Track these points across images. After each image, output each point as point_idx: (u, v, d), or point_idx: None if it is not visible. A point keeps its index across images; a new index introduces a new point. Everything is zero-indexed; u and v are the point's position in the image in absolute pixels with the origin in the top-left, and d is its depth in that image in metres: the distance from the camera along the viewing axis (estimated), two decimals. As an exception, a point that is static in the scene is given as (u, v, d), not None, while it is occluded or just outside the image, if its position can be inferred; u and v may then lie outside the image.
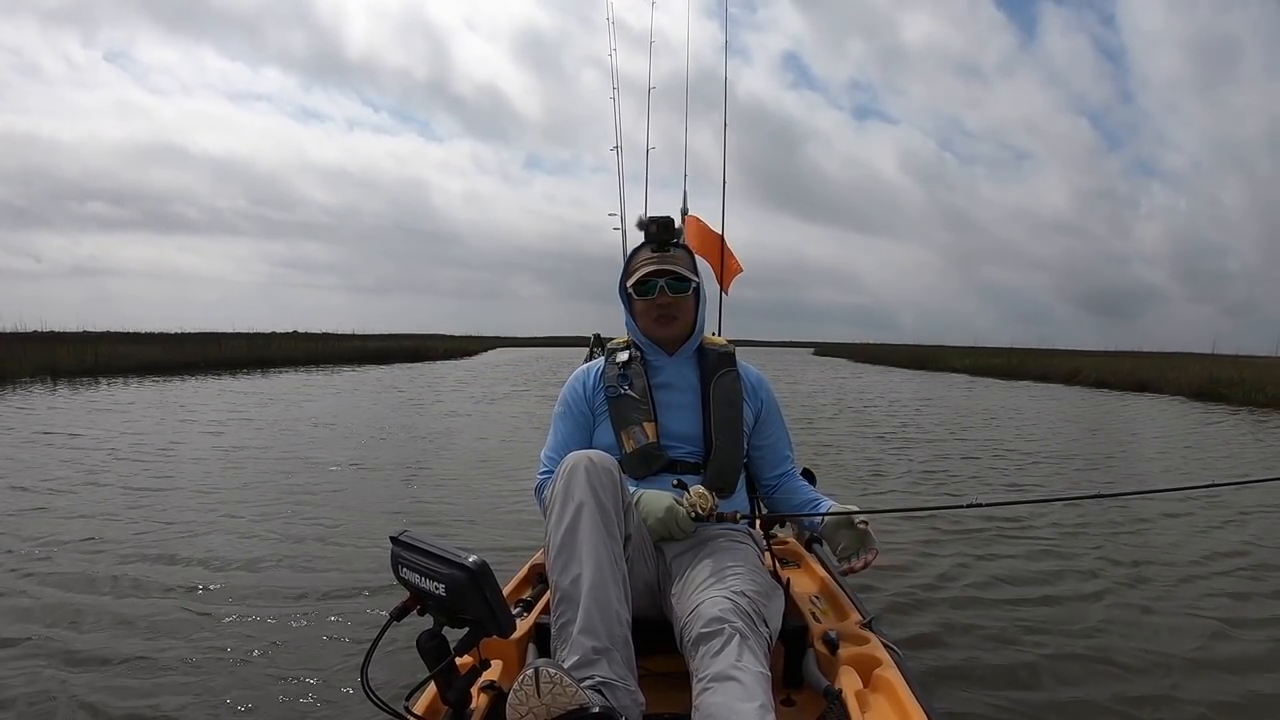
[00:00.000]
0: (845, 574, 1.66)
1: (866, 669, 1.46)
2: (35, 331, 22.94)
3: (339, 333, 40.98)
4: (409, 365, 27.88)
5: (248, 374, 19.94)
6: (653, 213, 2.33)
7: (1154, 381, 18.52)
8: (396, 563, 1.16)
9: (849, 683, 1.39)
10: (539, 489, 1.70)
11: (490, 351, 48.78)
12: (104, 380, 16.30)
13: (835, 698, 1.39)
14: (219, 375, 19.00)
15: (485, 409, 11.97)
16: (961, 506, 1.76)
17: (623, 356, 1.78)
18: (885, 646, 1.56)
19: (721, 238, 3.06)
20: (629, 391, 1.72)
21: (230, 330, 32.72)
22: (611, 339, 1.93)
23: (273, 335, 33.11)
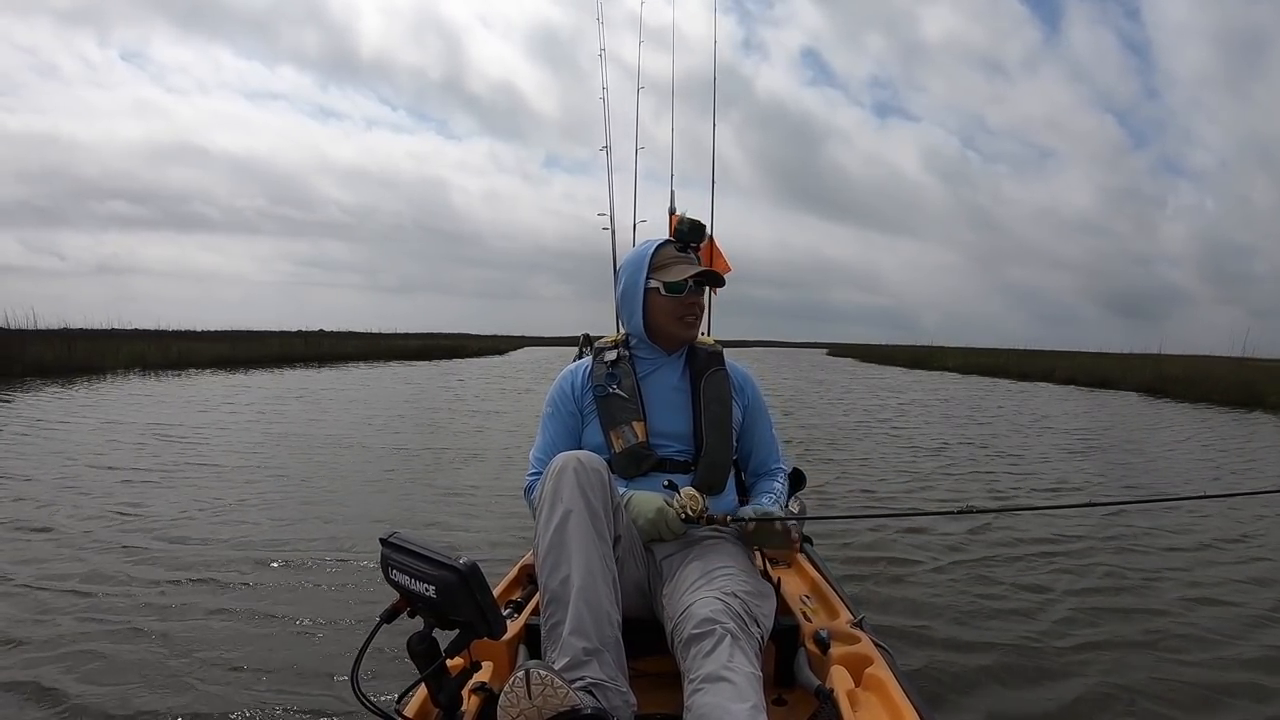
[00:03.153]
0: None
1: (858, 668, 1.46)
2: (124, 329, 24.91)
3: (380, 332, 43.67)
4: (451, 361, 30.14)
5: (310, 367, 22.35)
6: (642, 213, 2.31)
7: (1114, 379, 20.38)
8: (386, 564, 1.15)
9: (840, 682, 1.39)
10: (528, 490, 1.69)
11: (519, 350, 50.03)
12: (185, 372, 18.54)
13: (827, 697, 1.39)
14: (279, 369, 20.96)
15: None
16: (953, 513, 1.77)
17: (610, 355, 1.78)
18: (876, 646, 1.56)
19: (712, 238, 3.06)
20: (617, 391, 1.72)
21: (255, 328, 34.79)
22: (600, 338, 1.93)
23: (324, 334, 35.91)
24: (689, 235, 1.77)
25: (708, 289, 1.85)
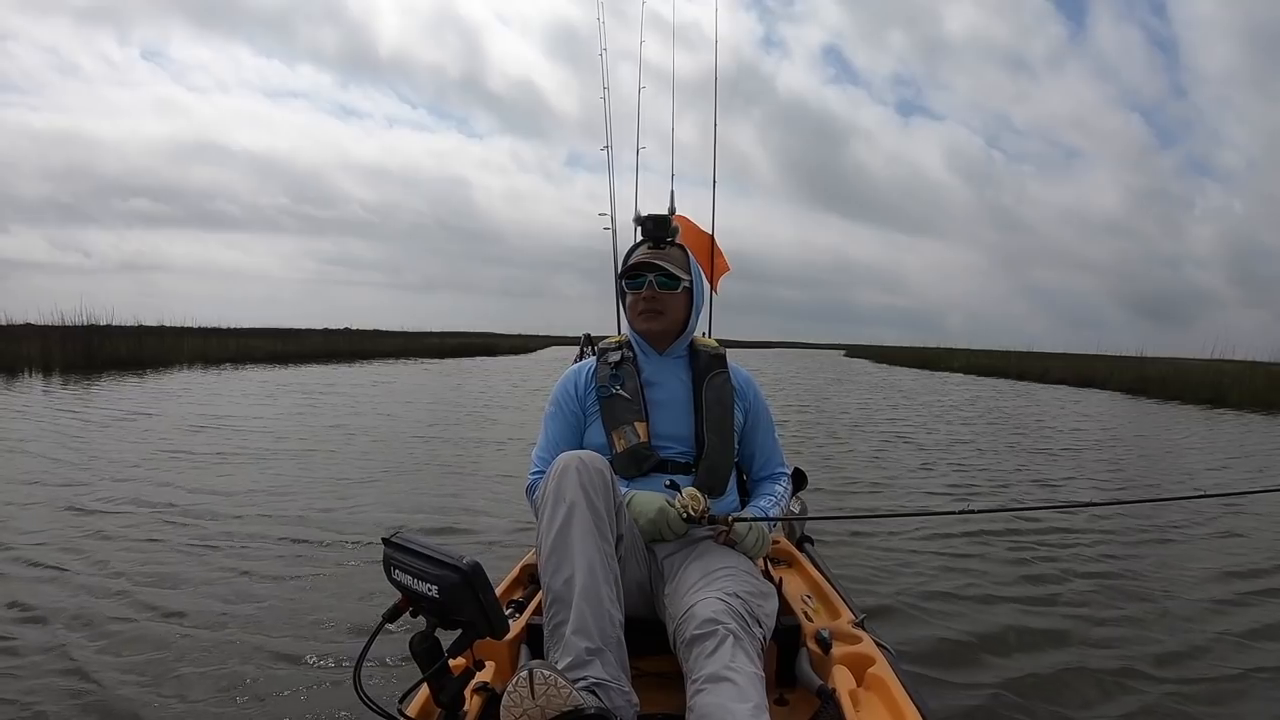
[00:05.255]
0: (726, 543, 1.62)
1: (859, 668, 1.46)
2: (188, 326, 26.15)
3: (408, 330, 44.31)
4: (485, 359, 31.62)
5: (355, 363, 23.75)
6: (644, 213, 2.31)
7: (1100, 379, 21.77)
8: (389, 564, 1.15)
9: (842, 682, 1.39)
10: (530, 489, 1.69)
11: (546, 350, 50.65)
12: (243, 366, 19.96)
13: (829, 697, 1.39)
14: (327, 364, 22.42)
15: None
16: (954, 513, 1.77)
17: (614, 356, 1.78)
18: (878, 645, 1.56)
19: (712, 237, 3.06)
20: (620, 391, 1.72)
21: (281, 325, 36.14)
22: (603, 338, 1.93)
23: (365, 332, 37.81)
24: (652, 230, 1.80)
25: (706, 288, 1.86)
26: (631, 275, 1.77)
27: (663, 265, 1.74)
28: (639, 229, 1.82)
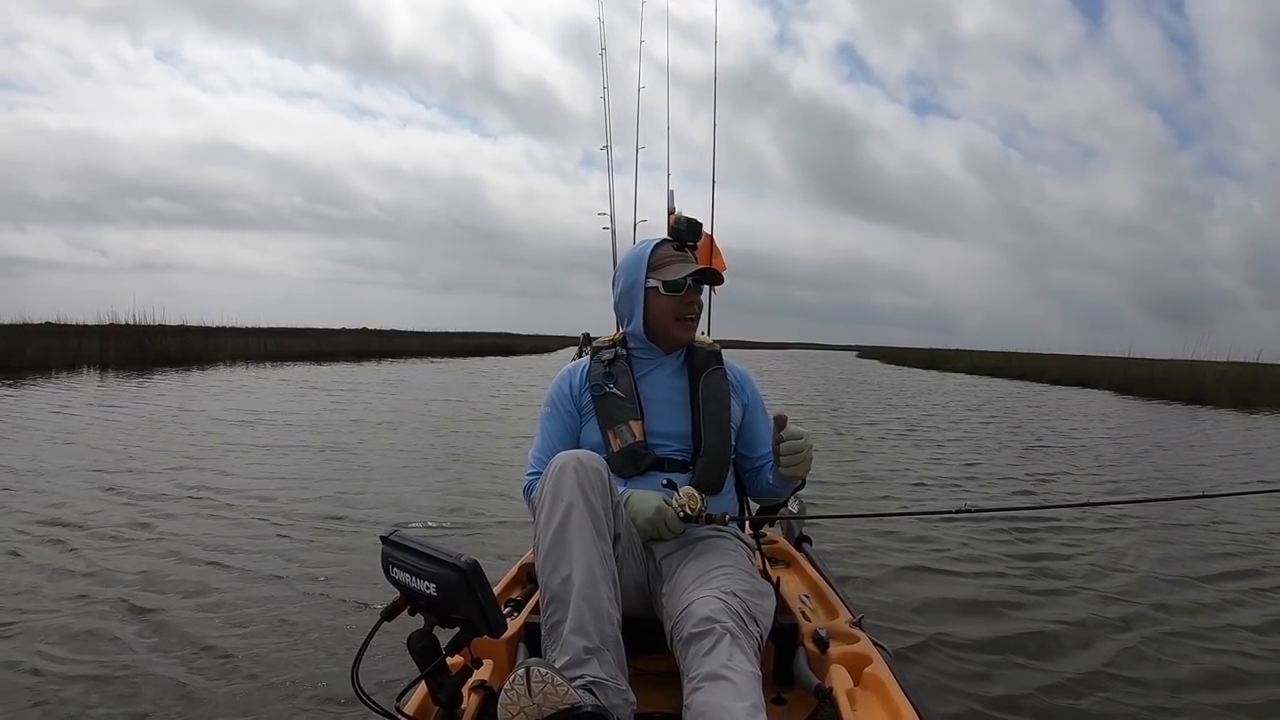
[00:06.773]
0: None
1: (857, 667, 1.47)
2: (228, 326, 27.47)
3: (428, 331, 45.57)
4: (505, 358, 32.99)
5: (384, 361, 24.92)
6: (642, 213, 2.31)
7: (1093, 379, 23.11)
8: (387, 562, 1.16)
9: (839, 681, 1.40)
10: (527, 490, 1.69)
11: (564, 349, 50.82)
12: (281, 364, 20.93)
13: (826, 696, 1.39)
14: (359, 362, 23.81)
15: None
16: (952, 512, 1.77)
17: (608, 355, 1.77)
18: (875, 645, 1.56)
19: (711, 237, 3.06)
20: (615, 390, 1.72)
21: (300, 325, 37.19)
22: (599, 338, 1.93)
23: (384, 332, 39.23)
24: (686, 234, 1.76)
25: (706, 288, 1.85)
26: (674, 281, 1.72)
27: (703, 269, 1.73)
28: (671, 229, 1.79)
